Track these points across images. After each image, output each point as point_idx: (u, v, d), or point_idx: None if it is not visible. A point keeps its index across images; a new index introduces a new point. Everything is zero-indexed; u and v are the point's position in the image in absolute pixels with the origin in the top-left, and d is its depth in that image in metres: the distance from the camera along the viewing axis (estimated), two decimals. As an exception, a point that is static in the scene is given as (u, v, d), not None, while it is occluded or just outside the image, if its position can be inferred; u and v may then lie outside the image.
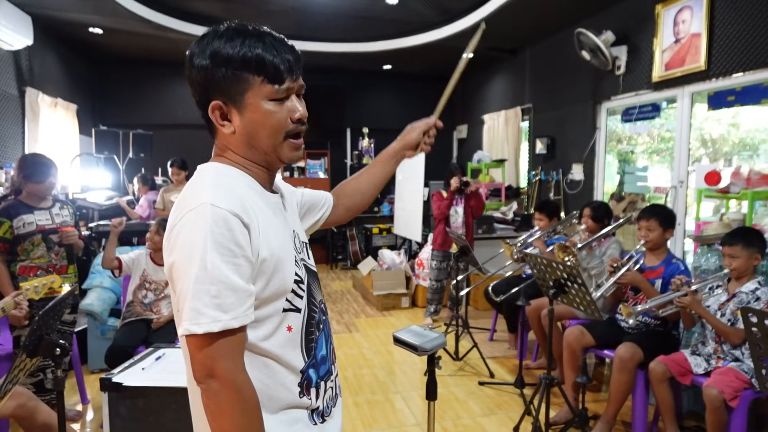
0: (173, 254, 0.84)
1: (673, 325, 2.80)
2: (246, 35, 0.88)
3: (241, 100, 0.89)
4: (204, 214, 0.82)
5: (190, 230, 0.82)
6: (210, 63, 0.87)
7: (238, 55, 0.86)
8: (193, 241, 0.81)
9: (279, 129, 0.92)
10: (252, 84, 0.88)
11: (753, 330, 1.58)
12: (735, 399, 2.25)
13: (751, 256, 2.42)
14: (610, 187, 5.16)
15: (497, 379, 3.57)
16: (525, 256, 2.88)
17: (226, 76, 0.87)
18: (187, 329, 0.81)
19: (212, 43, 0.88)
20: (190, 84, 0.92)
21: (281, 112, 0.91)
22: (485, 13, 5.00)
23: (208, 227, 0.81)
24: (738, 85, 3.59)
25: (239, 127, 0.91)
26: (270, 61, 0.88)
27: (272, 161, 0.96)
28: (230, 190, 0.87)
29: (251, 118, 0.90)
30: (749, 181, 3.20)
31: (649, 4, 4.22)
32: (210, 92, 0.90)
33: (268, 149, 0.93)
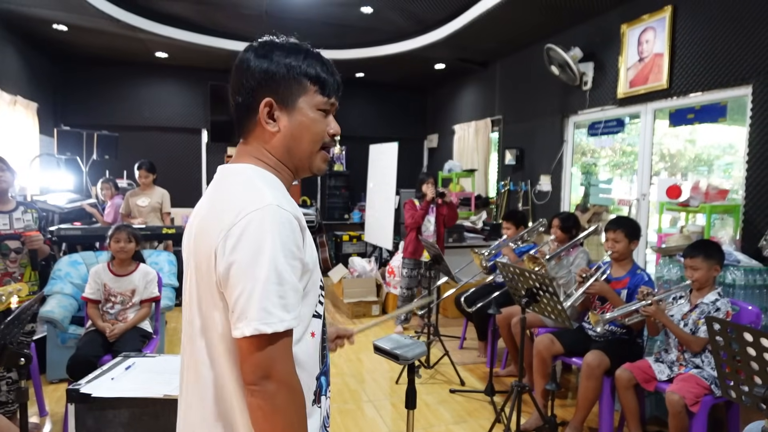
0: (234, 254, 0.83)
1: (637, 333, 2.90)
2: (308, 52, 0.97)
3: (293, 103, 0.95)
4: (272, 214, 0.84)
5: (256, 230, 0.83)
6: (273, 65, 0.94)
7: (301, 65, 0.95)
8: (260, 241, 0.83)
9: (320, 137, 0.98)
10: (307, 90, 0.96)
11: (717, 339, 1.66)
12: (696, 404, 2.34)
13: (711, 267, 2.54)
14: (575, 199, 5.32)
15: (468, 386, 3.60)
16: (498, 265, 2.93)
17: (287, 78, 0.94)
18: (257, 329, 0.81)
19: (276, 49, 0.95)
20: (237, 84, 0.96)
21: (323, 124, 0.98)
22: (459, 26, 5.09)
23: (277, 228, 0.84)
24: (697, 103, 3.77)
25: (285, 127, 0.95)
26: (325, 75, 0.97)
27: (303, 168, 1.00)
28: (284, 193, 0.93)
29: (300, 120, 0.96)
30: (707, 195, 3.36)
31: (615, 24, 4.39)
32: (261, 92, 0.94)
33: (304, 155, 0.98)
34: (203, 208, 0.95)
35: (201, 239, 0.91)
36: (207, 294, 0.90)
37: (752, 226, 3.25)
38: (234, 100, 0.97)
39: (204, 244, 0.89)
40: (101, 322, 2.90)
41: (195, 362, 0.93)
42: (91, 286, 2.96)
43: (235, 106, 0.97)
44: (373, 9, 5.02)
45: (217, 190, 0.94)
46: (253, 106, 0.94)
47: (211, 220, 0.90)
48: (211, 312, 0.90)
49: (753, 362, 1.55)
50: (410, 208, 4.64)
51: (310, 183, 8.00)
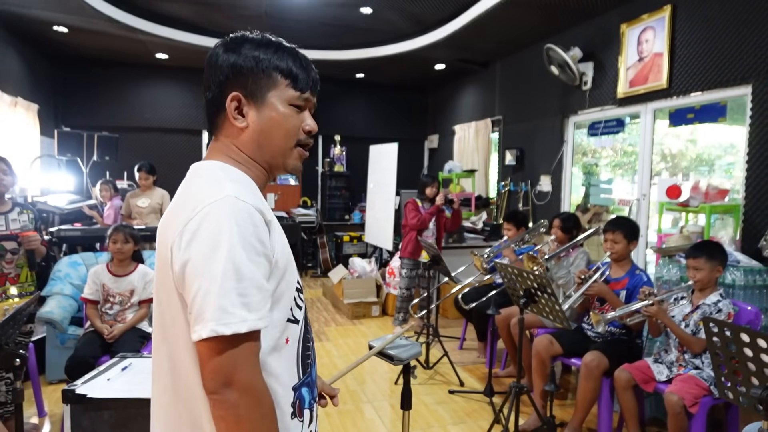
0: (189, 250, 0.78)
1: (636, 333, 2.89)
2: (279, 45, 0.93)
3: (262, 98, 0.91)
4: (229, 206, 0.79)
5: (213, 223, 0.78)
6: (240, 58, 0.90)
7: (271, 58, 0.91)
8: (217, 235, 0.77)
9: (293, 134, 0.94)
10: (278, 84, 0.91)
11: (714, 339, 1.65)
12: (695, 405, 2.33)
13: (713, 268, 2.52)
14: (576, 199, 5.31)
15: (467, 387, 3.59)
16: (496, 265, 2.92)
17: (255, 71, 0.90)
18: (214, 330, 0.74)
19: (245, 43, 0.92)
20: (207, 79, 0.93)
21: (297, 119, 0.94)
22: (458, 26, 5.08)
23: (234, 220, 0.78)
24: (697, 103, 3.76)
25: (254, 123, 0.91)
26: (297, 70, 0.93)
27: (276, 165, 0.95)
28: (248, 186, 0.88)
29: (269, 116, 0.91)
30: (707, 195, 3.35)
31: (615, 23, 4.38)
32: (229, 86, 0.90)
33: (276, 152, 0.94)
34: (167, 211, 0.91)
35: (161, 238, 0.87)
36: (165, 295, 0.85)
37: (752, 226, 3.24)
38: (204, 97, 0.94)
39: (162, 242, 0.85)
40: (100, 323, 2.90)
41: (160, 371, 0.87)
42: (89, 286, 2.97)
43: (206, 102, 0.94)
44: (373, 9, 5.02)
45: (182, 187, 0.91)
46: (221, 102, 0.91)
47: (170, 217, 0.86)
48: (171, 315, 0.84)
49: (750, 363, 1.54)
50: (413, 208, 4.61)
51: (311, 184, 8.01)
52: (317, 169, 8.07)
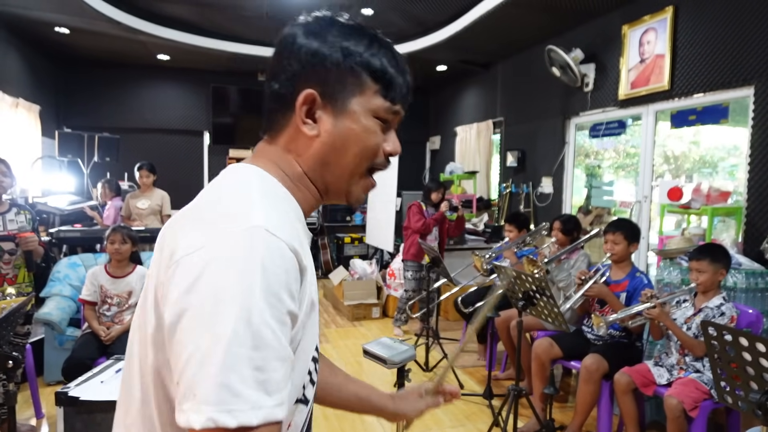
0: (191, 295, 0.56)
1: (636, 336, 2.87)
2: (375, 37, 0.73)
3: (343, 103, 0.70)
4: (255, 242, 0.58)
5: (228, 262, 0.56)
6: (325, 47, 0.69)
7: (364, 53, 0.70)
8: (232, 279, 0.55)
9: (371, 153, 0.73)
10: (365, 90, 0.71)
11: (712, 343, 1.63)
12: (695, 409, 2.31)
13: (717, 271, 2.50)
14: (578, 201, 5.28)
15: (466, 390, 3.57)
16: (495, 267, 2.91)
17: (341, 67, 0.69)
18: (212, 419, 0.51)
19: (332, 26, 0.71)
20: (276, 65, 0.72)
21: (380, 137, 0.73)
22: (460, 27, 5.07)
23: (258, 263, 0.56)
24: (699, 105, 3.73)
25: (327, 132, 0.71)
26: (393, 72, 0.72)
27: (337, 192, 0.76)
28: (286, 215, 0.67)
29: (348, 127, 0.71)
30: (709, 197, 3.33)
31: (616, 25, 4.36)
32: (304, 80, 0.70)
33: (344, 175, 0.74)
34: (180, 211, 0.71)
35: (157, 254, 0.67)
36: (143, 333, 0.64)
37: (754, 229, 3.21)
38: (268, 87, 0.73)
39: (158, 259, 0.65)
40: (97, 325, 2.90)
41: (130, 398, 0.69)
42: (87, 287, 2.96)
43: (269, 93, 0.73)
44: (374, 11, 5.01)
45: (206, 191, 0.71)
46: (290, 97, 0.71)
47: (178, 226, 0.66)
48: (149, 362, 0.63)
49: (749, 367, 1.52)
50: (418, 212, 4.60)
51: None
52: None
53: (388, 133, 0.75)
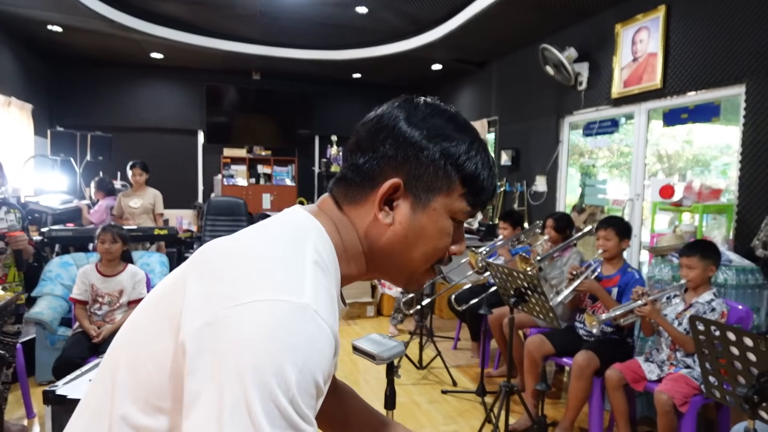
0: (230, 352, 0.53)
1: (628, 333, 2.88)
2: (476, 139, 0.72)
3: (426, 199, 0.69)
4: (306, 322, 0.55)
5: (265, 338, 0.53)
6: (425, 141, 0.68)
7: (462, 156, 0.69)
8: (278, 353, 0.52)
9: (438, 253, 0.72)
10: (452, 191, 0.69)
11: (700, 338, 1.64)
12: (685, 404, 2.32)
13: (707, 267, 2.51)
14: (572, 199, 5.30)
15: (460, 387, 3.58)
16: (487, 265, 2.91)
17: (435, 165, 0.68)
18: None
19: (435, 119, 0.70)
20: (366, 141, 0.70)
21: (449, 238, 0.72)
22: (454, 26, 5.08)
23: (304, 349, 0.54)
24: (691, 103, 3.75)
25: (402, 224, 0.69)
26: (483, 181, 0.71)
27: (391, 277, 0.75)
28: (329, 293, 0.63)
29: (425, 224, 0.69)
30: (700, 195, 3.34)
31: (610, 23, 4.37)
32: (393, 165, 0.68)
33: (407, 268, 0.72)
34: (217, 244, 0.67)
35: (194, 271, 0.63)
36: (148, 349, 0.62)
37: (745, 226, 3.23)
38: (352, 157, 0.71)
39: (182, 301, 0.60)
40: (88, 324, 2.89)
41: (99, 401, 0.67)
42: (78, 286, 2.95)
43: (352, 165, 0.71)
44: (368, 9, 5.01)
45: (252, 229, 0.67)
46: (374, 178, 0.69)
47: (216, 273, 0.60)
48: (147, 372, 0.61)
49: (736, 362, 1.53)
50: None
51: (307, 184, 7.99)
52: (313, 169, 8.06)
53: (458, 232, 0.73)
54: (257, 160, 7.62)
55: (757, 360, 1.45)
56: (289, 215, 0.70)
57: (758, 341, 1.42)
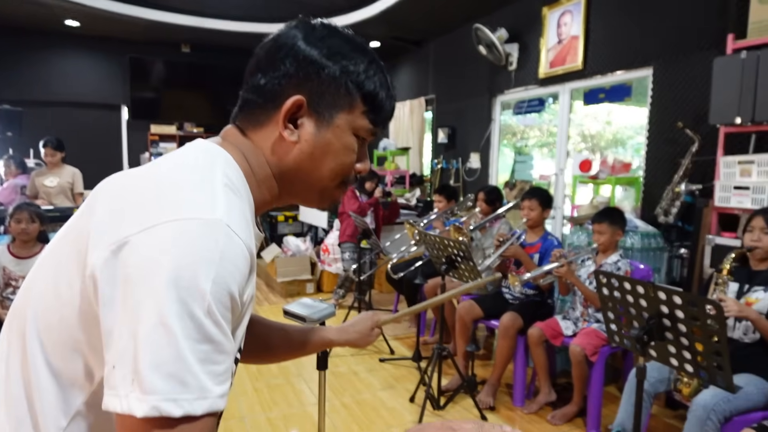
0: (145, 271, 0.54)
1: (548, 294, 3.13)
2: (374, 59, 0.74)
3: (329, 116, 0.71)
4: (218, 236, 0.57)
5: (185, 251, 0.54)
6: (324, 59, 0.70)
7: (362, 74, 0.71)
8: (187, 271, 0.53)
9: (344, 169, 0.75)
10: (354, 108, 0.72)
11: (603, 291, 1.83)
12: (595, 354, 2.58)
13: (614, 232, 2.77)
14: (504, 176, 5.56)
15: (397, 355, 3.74)
16: (420, 234, 3.05)
17: (336, 83, 0.70)
18: (157, 407, 0.51)
19: (333, 39, 0.72)
20: (266, 62, 0.71)
21: (354, 155, 0.75)
22: (391, 2, 5.13)
23: (219, 257, 0.56)
24: (607, 84, 4.03)
25: (308, 141, 0.71)
26: (383, 99, 0.74)
27: (302, 198, 0.77)
28: (243, 214, 0.64)
29: (329, 141, 0.72)
30: (614, 168, 3.64)
31: (537, 6, 4.59)
32: (295, 84, 0.70)
33: (314, 185, 0.75)
34: (121, 175, 0.68)
35: (88, 211, 0.64)
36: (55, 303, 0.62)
37: (650, 196, 3.55)
38: (253, 77, 0.72)
39: (87, 220, 0.62)
40: (1, 309, 2.76)
41: None
42: None
43: (253, 86, 0.72)
44: (304, -17, 4.96)
45: (163, 162, 0.68)
46: (276, 98, 0.70)
47: (125, 193, 0.63)
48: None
49: (631, 308, 1.73)
50: (352, 196, 4.74)
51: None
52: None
53: (363, 150, 0.76)
54: (188, 138, 7.38)
55: (647, 305, 1.65)
56: (193, 146, 0.70)
57: (648, 288, 1.62)
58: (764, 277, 2.20)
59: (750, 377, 2.08)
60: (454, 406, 2.94)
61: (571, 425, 2.73)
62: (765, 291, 2.16)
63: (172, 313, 0.52)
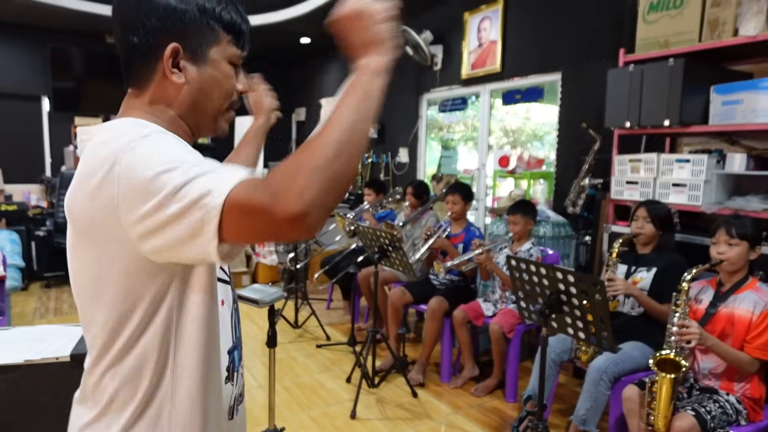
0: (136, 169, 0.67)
1: (471, 280, 3.44)
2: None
3: (203, 54, 0.82)
4: (158, 135, 0.73)
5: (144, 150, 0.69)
6: (182, 4, 0.79)
7: (216, 8, 0.82)
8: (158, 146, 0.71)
9: (230, 93, 0.87)
10: (221, 40, 0.83)
11: (514, 273, 2.13)
12: (511, 332, 2.91)
13: (527, 222, 3.11)
14: (432, 170, 5.87)
15: (333, 341, 3.93)
16: (356, 227, 3.25)
17: (199, 22, 0.80)
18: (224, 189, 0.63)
19: None
20: (131, 21, 0.79)
21: (233, 79, 0.87)
22: (321, 2, 5.24)
23: (170, 143, 0.73)
24: (522, 86, 4.41)
25: (194, 80, 0.82)
26: (240, 24, 0.85)
27: (205, 128, 0.88)
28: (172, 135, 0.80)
29: (211, 74, 0.83)
30: (529, 164, 4.02)
31: (459, 11, 4.89)
32: (165, 34, 0.79)
33: (211, 113, 0.87)
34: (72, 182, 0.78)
35: (72, 201, 0.76)
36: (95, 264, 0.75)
37: (560, 189, 3.96)
38: (126, 40, 0.80)
39: (73, 205, 0.75)
40: None
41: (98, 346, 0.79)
42: None
43: (128, 47, 0.80)
44: (233, -23, 4.94)
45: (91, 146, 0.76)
46: (153, 51, 0.79)
47: (82, 179, 0.74)
48: None
49: (537, 287, 2.03)
50: None
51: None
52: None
53: (239, 75, 0.88)
54: (114, 130, 7.08)
55: (548, 284, 1.96)
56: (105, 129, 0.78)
57: (548, 270, 1.92)
58: (647, 259, 2.58)
59: (636, 344, 2.46)
60: (388, 385, 3.19)
61: (492, 396, 3.06)
62: (648, 271, 2.54)
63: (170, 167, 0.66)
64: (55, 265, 5.28)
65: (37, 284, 5.30)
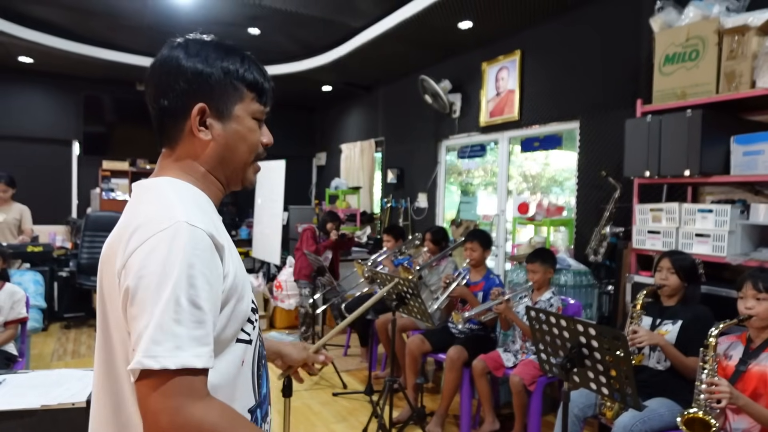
0: (140, 278, 0.74)
1: (491, 329, 3.38)
2: (245, 56, 0.92)
3: (229, 111, 0.89)
4: (180, 234, 0.76)
5: (165, 251, 0.75)
6: (207, 67, 0.87)
7: (239, 69, 0.89)
8: (169, 263, 0.74)
9: (255, 147, 0.94)
10: (244, 98, 0.90)
11: (533, 324, 2.08)
12: (533, 384, 2.82)
13: (546, 270, 3.06)
14: (451, 215, 5.88)
15: (350, 389, 3.85)
16: (373, 273, 3.24)
17: (224, 83, 0.88)
18: (140, 362, 0.71)
19: (207, 48, 0.89)
20: (163, 84, 0.87)
21: (258, 133, 0.94)
22: (343, 53, 5.44)
23: (188, 248, 0.75)
24: (541, 134, 4.45)
25: (219, 136, 0.89)
26: (262, 82, 0.93)
27: (234, 181, 0.95)
28: (200, 207, 0.84)
29: (235, 130, 0.90)
30: (548, 211, 4.00)
31: (477, 61, 5.02)
32: (193, 96, 0.86)
33: (239, 166, 0.93)
34: (113, 232, 0.86)
35: (106, 265, 0.84)
36: (117, 330, 0.81)
37: (581, 237, 3.92)
38: (157, 103, 0.87)
39: (109, 270, 0.82)
40: None
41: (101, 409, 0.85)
42: None
43: (159, 110, 0.88)
44: (260, 31, 5.19)
45: (130, 207, 0.86)
46: (182, 112, 0.87)
47: (116, 242, 0.81)
48: (124, 352, 0.79)
49: (557, 339, 1.98)
50: (311, 236, 4.89)
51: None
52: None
53: (263, 128, 0.95)
54: (141, 174, 7.31)
55: (569, 336, 1.91)
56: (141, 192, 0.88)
57: (569, 322, 1.88)
58: (672, 311, 2.50)
59: (663, 400, 2.36)
60: (405, 438, 3.09)
61: (513, 451, 2.93)
62: (673, 324, 2.47)
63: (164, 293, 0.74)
64: (75, 306, 5.36)
65: (57, 325, 5.36)
